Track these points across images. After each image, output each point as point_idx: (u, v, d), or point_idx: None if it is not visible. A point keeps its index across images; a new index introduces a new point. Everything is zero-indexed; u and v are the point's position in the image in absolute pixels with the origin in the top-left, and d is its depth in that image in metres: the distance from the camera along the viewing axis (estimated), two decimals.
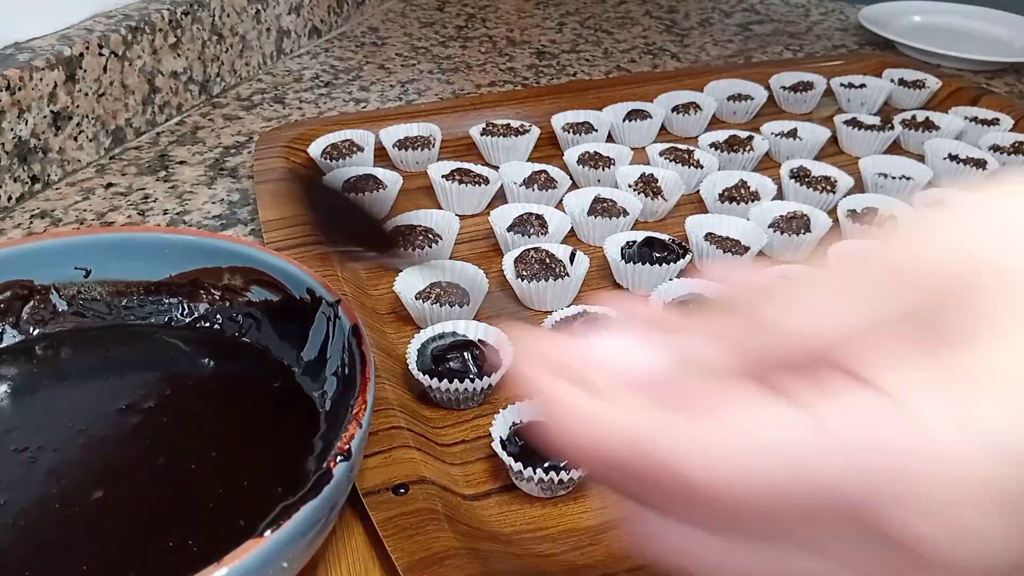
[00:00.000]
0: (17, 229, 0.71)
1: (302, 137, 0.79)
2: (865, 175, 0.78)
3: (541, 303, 0.61)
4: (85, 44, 0.77)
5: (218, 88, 0.98)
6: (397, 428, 0.46)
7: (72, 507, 0.38)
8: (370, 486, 0.42)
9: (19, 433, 0.42)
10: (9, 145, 0.71)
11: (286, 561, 0.32)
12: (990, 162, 0.79)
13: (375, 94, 1.01)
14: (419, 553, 0.38)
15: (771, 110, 0.96)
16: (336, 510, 0.36)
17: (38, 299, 0.48)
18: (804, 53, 1.21)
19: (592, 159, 0.78)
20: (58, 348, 0.48)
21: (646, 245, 0.63)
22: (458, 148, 0.84)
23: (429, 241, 0.64)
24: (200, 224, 0.72)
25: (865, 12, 1.26)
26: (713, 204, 0.73)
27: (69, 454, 0.41)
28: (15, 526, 0.37)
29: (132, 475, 0.40)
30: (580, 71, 1.11)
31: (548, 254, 0.61)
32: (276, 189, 0.70)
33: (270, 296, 0.48)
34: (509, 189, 0.73)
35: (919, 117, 0.89)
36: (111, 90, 0.81)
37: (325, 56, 1.12)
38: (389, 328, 0.59)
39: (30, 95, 0.72)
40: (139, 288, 0.50)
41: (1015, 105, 0.93)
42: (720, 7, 1.41)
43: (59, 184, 0.77)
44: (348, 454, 0.35)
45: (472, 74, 1.08)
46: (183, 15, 0.89)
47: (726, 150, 0.81)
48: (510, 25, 1.28)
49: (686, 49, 1.20)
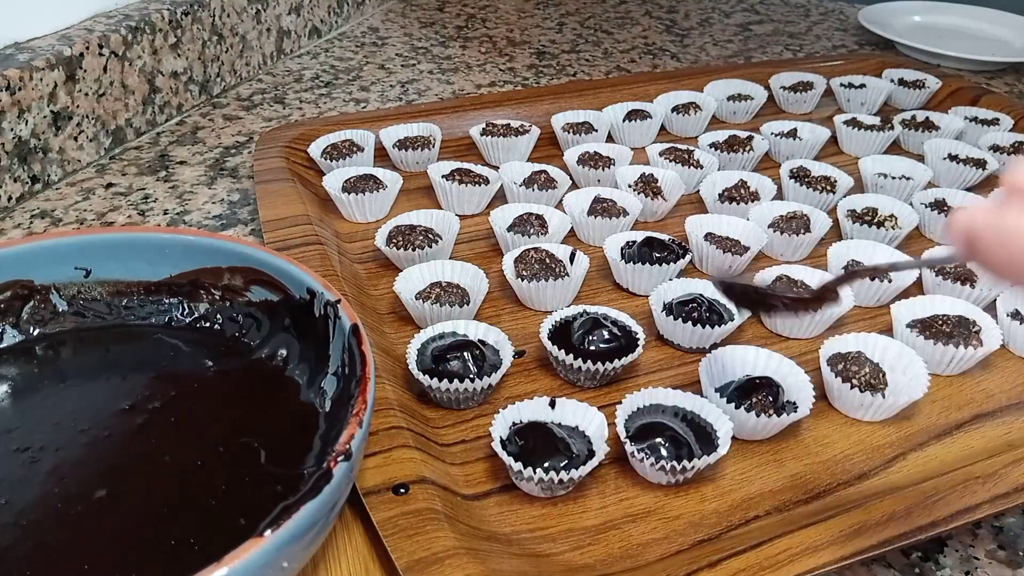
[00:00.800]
0: (17, 229, 0.71)
1: (302, 137, 0.79)
2: (865, 175, 0.78)
3: (541, 303, 0.61)
4: (85, 44, 0.77)
5: (218, 88, 0.98)
6: (397, 428, 0.46)
7: (73, 507, 0.38)
8: (370, 486, 0.42)
9: (20, 433, 0.42)
10: (9, 145, 0.71)
11: (286, 561, 0.32)
12: (990, 162, 0.79)
13: (375, 94, 1.01)
14: (419, 553, 0.39)
15: (771, 110, 0.96)
16: (336, 510, 0.36)
17: (38, 299, 0.48)
18: (804, 53, 1.21)
19: (592, 159, 0.78)
20: (58, 348, 0.48)
21: (646, 245, 0.63)
22: (458, 148, 0.84)
23: (429, 241, 0.64)
24: (200, 224, 0.72)
25: (865, 12, 1.26)
26: (713, 204, 0.73)
27: (70, 454, 0.41)
28: (17, 526, 0.37)
29: (133, 475, 0.40)
30: (580, 71, 1.11)
31: (548, 254, 0.61)
32: (276, 189, 0.70)
33: (270, 296, 0.48)
34: (509, 189, 0.73)
35: (919, 117, 0.89)
36: (111, 90, 0.81)
37: (325, 56, 1.12)
38: (389, 328, 0.59)
39: (30, 95, 0.72)
40: (139, 288, 0.50)
41: (1015, 105, 0.93)
42: (720, 7, 1.41)
43: (59, 184, 0.77)
44: (348, 454, 0.35)
45: (472, 74, 1.08)
46: (183, 15, 0.89)
47: (726, 150, 0.81)
48: (510, 25, 1.28)
49: (686, 49, 1.20)
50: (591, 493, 0.46)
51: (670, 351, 0.58)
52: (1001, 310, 0.59)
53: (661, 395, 0.50)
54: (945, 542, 0.46)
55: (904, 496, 0.43)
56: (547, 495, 0.46)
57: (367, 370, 0.39)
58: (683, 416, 0.49)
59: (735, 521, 0.45)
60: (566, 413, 0.49)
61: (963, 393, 0.55)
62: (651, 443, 0.46)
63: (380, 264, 0.66)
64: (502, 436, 0.46)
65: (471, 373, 0.51)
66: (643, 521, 0.45)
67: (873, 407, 0.51)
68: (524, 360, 0.56)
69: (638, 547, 0.43)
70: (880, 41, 1.23)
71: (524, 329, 0.59)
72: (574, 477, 0.44)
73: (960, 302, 0.59)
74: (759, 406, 0.49)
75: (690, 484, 0.47)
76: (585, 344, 0.53)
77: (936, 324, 0.57)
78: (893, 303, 0.59)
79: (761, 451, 0.50)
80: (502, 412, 0.48)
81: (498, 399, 0.53)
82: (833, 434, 0.51)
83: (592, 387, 0.54)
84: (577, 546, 0.43)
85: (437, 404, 0.52)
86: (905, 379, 0.53)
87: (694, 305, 0.57)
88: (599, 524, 0.45)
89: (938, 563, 0.44)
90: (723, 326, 0.56)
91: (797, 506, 0.46)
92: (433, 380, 0.50)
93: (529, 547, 0.43)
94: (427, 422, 0.50)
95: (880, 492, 0.45)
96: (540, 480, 0.44)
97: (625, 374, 0.55)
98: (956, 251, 0.34)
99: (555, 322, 0.56)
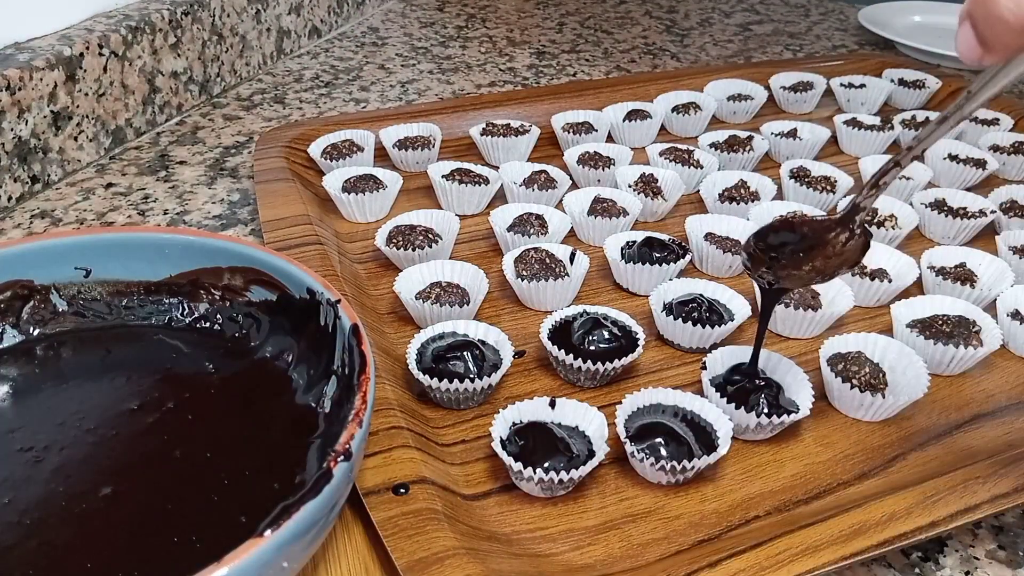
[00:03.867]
0: (17, 229, 0.71)
1: (302, 137, 0.79)
2: (865, 175, 0.78)
3: (541, 303, 0.61)
4: (85, 44, 0.77)
5: (218, 88, 0.98)
6: (397, 428, 0.46)
7: (77, 505, 0.38)
8: (370, 486, 0.42)
9: (22, 433, 0.42)
10: (9, 145, 0.71)
11: (286, 561, 0.32)
12: (990, 162, 0.79)
13: (375, 94, 1.01)
14: (419, 553, 0.39)
15: (771, 110, 0.96)
16: (336, 510, 0.36)
17: (38, 299, 0.48)
18: (804, 53, 1.21)
19: (592, 159, 0.78)
20: (59, 348, 0.48)
21: (646, 245, 0.63)
22: (458, 148, 0.84)
23: (429, 241, 0.64)
24: (200, 224, 0.72)
25: (865, 12, 1.26)
26: (713, 204, 0.73)
27: (72, 453, 0.41)
28: (20, 524, 0.37)
29: (135, 474, 0.40)
30: (580, 71, 1.11)
31: (548, 254, 0.61)
32: (276, 189, 0.70)
33: (270, 296, 0.48)
34: (509, 189, 0.73)
35: (919, 117, 0.89)
36: (111, 90, 0.81)
37: (325, 56, 1.12)
38: (389, 328, 0.59)
39: (30, 95, 0.72)
40: (139, 288, 0.50)
41: (1015, 105, 0.93)
42: (720, 7, 1.41)
43: (59, 184, 0.77)
44: (348, 454, 0.35)
45: (472, 74, 1.08)
46: (183, 15, 0.89)
47: (726, 150, 0.81)
48: (510, 25, 1.28)
49: (686, 49, 1.20)
50: (591, 493, 0.46)
51: (670, 351, 0.58)
52: (1001, 310, 0.59)
53: (661, 395, 0.50)
54: (945, 542, 0.46)
55: (904, 496, 0.43)
56: (547, 495, 0.46)
57: (367, 370, 0.39)
58: (683, 416, 0.49)
59: (735, 521, 0.45)
60: (566, 413, 0.49)
61: (963, 393, 0.55)
62: (651, 443, 0.46)
63: (380, 264, 0.66)
64: (502, 436, 0.46)
65: (471, 373, 0.51)
66: (643, 521, 0.45)
67: (873, 407, 0.51)
68: (524, 360, 0.56)
69: (638, 547, 0.43)
70: (880, 41, 1.23)
71: (524, 329, 0.59)
72: (574, 477, 0.44)
73: (960, 302, 0.59)
74: (759, 406, 0.49)
75: (690, 484, 0.47)
76: (585, 344, 0.53)
77: (936, 324, 0.57)
78: (893, 303, 0.59)
79: (761, 451, 0.50)
80: (502, 412, 0.48)
81: (498, 399, 0.53)
82: (833, 434, 0.51)
83: (592, 387, 0.54)
84: (577, 546, 0.43)
85: (437, 404, 0.52)
86: (905, 379, 0.53)
87: (694, 305, 0.57)
88: (599, 524, 0.45)
89: (938, 563, 0.44)
90: (723, 326, 0.56)
91: (797, 506, 0.46)
92: (433, 380, 0.50)
93: (529, 547, 0.43)
94: (427, 422, 0.50)
95: (880, 492, 0.45)
96: (540, 480, 0.44)
97: (625, 374, 0.55)
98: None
99: (555, 322, 0.56)
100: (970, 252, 0.65)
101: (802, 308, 0.58)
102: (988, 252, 0.65)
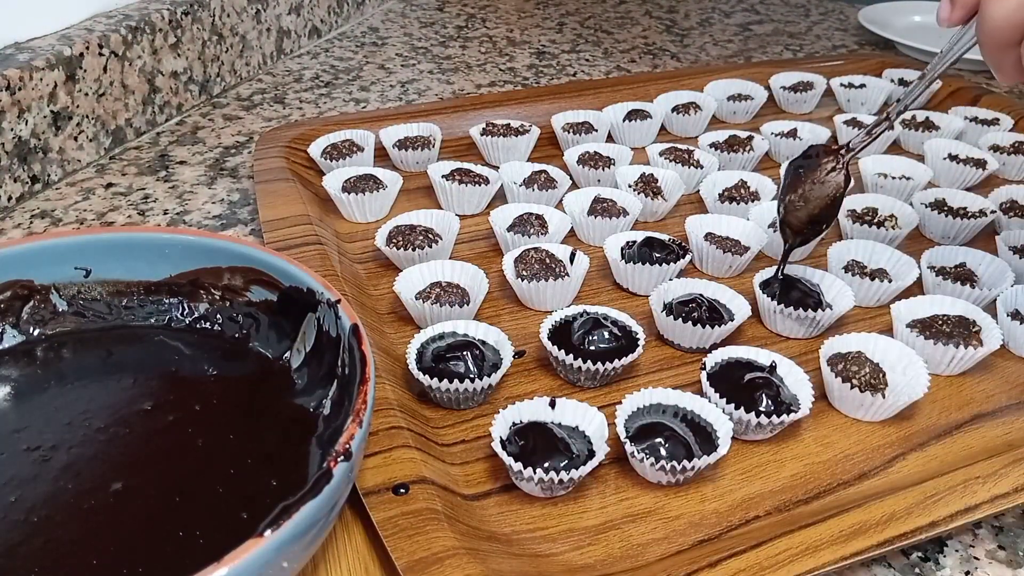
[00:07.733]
0: (17, 229, 0.71)
1: (302, 137, 0.79)
2: (865, 175, 0.78)
3: (541, 303, 0.61)
4: (85, 44, 0.77)
5: (218, 88, 0.98)
6: (397, 428, 0.46)
7: (82, 504, 0.38)
8: (370, 486, 0.42)
9: (28, 433, 0.42)
10: (9, 145, 0.71)
11: (286, 561, 0.32)
12: (990, 162, 0.79)
13: (375, 94, 1.01)
14: (419, 553, 0.39)
15: (771, 110, 0.96)
16: (336, 510, 0.36)
17: (38, 299, 0.48)
18: (804, 53, 1.21)
19: (592, 159, 0.78)
20: (59, 348, 0.48)
21: (646, 245, 0.63)
22: (458, 148, 0.84)
23: (429, 241, 0.64)
24: (200, 224, 0.72)
25: (865, 12, 1.26)
26: (713, 204, 0.73)
27: (76, 453, 0.41)
28: (27, 521, 0.37)
29: (138, 473, 0.40)
30: (580, 71, 1.11)
31: (548, 254, 0.61)
32: (276, 189, 0.70)
33: (270, 296, 0.48)
34: (509, 189, 0.73)
35: (919, 117, 0.89)
36: (111, 90, 0.81)
37: (325, 56, 1.12)
38: (389, 328, 0.59)
39: (30, 95, 0.72)
40: (139, 288, 0.50)
41: (1015, 105, 0.93)
42: (720, 7, 1.41)
43: (59, 184, 0.77)
44: (348, 454, 0.35)
45: (472, 74, 1.08)
46: (183, 15, 0.89)
47: (726, 150, 0.81)
48: (510, 25, 1.28)
49: (686, 49, 1.20)
50: (591, 493, 0.46)
51: (670, 351, 0.58)
52: (1001, 310, 0.59)
53: (661, 395, 0.50)
54: (945, 542, 0.46)
55: (904, 496, 0.43)
56: (547, 495, 0.46)
57: (367, 370, 0.39)
58: (683, 416, 0.49)
59: (735, 521, 0.45)
60: (566, 413, 0.49)
61: (963, 393, 0.55)
62: (651, 443, 0.46)
63: (380, 264, 0.66)
64: (502, 436, 0.46)
65: (471, 373, 0.51)
66: (643, 521, 0.45)
67: (873, 407, 0.51)
68: (524, 360, 0.56)
69: (638, 547, 0.43)
70: (880, 41, 1.23)
71: (524, 329, 0.59)
72: (574, 477, 0.44)
73: (960, 302, 0.59)
74: (759, 406, 0.49)
75: (690, 484, 0.47)
76: (585, 344, 0.53)
77: (936, 324, 0.57)
78: (893, 303, 0.59)
79: (761, 451, 0.50)
80: (502, 412, 0.48)
81: (498, 399, 0.53)
82: (833, 434, 0.51)
83: (592, 387, 0.54)
84: (577, 546, 0.43)
85: (437, 404, 0.52)
86: (905, 379, 0.53)
87: (694, 305, 0.57)
88: (599, 524, 0.45)
89: (938, 563, 0.44)
90: (723, 326, 0.56)
91: (797, 506, 0.46)
92: (433, 380, 0.50)
93: (529, 547, 0.43)
94: (427, 422, 0.50)
95: (880, 492, 0.45)
96: (540, 480, 0.44)
97: (625, 374, 0.55)
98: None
99: (555, 322, 0.56)
100: (970, 252, 0.65)
101: (802, 309, 0.58)
102: (988, 252, 0.65)
